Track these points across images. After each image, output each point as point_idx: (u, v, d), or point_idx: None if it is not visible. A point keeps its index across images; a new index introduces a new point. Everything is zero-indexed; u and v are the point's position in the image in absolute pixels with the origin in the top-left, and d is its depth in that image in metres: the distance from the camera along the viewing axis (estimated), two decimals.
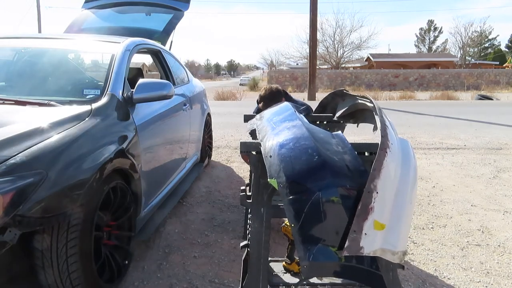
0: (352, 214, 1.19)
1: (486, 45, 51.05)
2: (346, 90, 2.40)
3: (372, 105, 1.82)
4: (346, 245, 1.16)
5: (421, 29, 59.34)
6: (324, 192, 1.21)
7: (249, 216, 1.66)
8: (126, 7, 4.43)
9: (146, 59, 27.80)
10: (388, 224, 1.21)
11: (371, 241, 1.17)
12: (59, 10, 64.81)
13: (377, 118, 1.56)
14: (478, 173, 4.45)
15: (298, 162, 1.29)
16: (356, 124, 2.43)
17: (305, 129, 1.44)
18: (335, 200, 1.21)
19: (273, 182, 1.28)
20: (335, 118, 2.48)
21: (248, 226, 1.81)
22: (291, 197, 1.23)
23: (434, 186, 3.99)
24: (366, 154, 1.53)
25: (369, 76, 26.77)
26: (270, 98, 2.95)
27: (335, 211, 1.20)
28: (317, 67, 17.97)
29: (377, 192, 1.19)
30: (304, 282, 1.70)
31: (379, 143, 1.32)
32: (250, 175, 2.21)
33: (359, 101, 2.13)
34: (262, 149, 1.44)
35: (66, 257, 1.69)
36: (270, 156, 1.35)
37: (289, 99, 3.01)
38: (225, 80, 74.97)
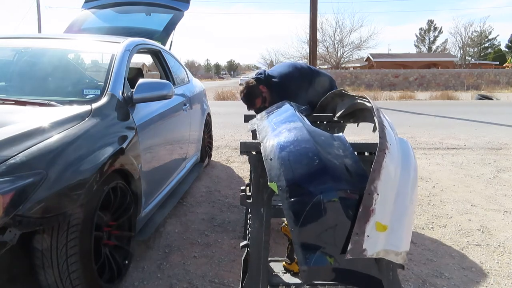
0: (354, 218, 1.18)
1: (486, 45, 51.10)
2: (345, 90, 2.39)
3: (370, 105, 1.82)
4: (349, 248, 1.16)
5: (421, 29, 59.44)
6: (325, 196, 1.20)
7: (249, 216, 1.66)
8: (126, 7, 4.43)
9: (146, 59, 27.83)
10: (390, 225, 1.21)
11: (374, 243, 1.17)
12: (59, 10, 64.87)
13: (375, 119, 1.56)
14: (478, 173, 4.45)
15: (299, 166, 1.28)
16: (356, 124, 2.43)
17: (305, 131, 1.43)
18: (335, 205, 1.21)
19: (273, 185, 1.28)
20: (335, 118, 2.47)
21: (248, 226, 1.81)
22: (291, 201, 1.22)
23: (434, 186, 3.99)
24: (366, 154, 1.53)
25: (369, 76, 26.75)
26: (249, 99, 2.92)
27: (335, 216, 1.20)
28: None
29: (378, 194, 1.19)
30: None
31: (378, 144, 1.32)
32: (250, 175, 2.21)
33: (358, 101, 2.13)
34: (262, 150, 1.44)
35: (66, 257, 1.69)
36: (271, 159, 1.35)
37: (270, 84, 2.89)
38: (225, 80, 74.96)
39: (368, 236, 1.16)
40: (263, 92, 2.88)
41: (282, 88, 2.83)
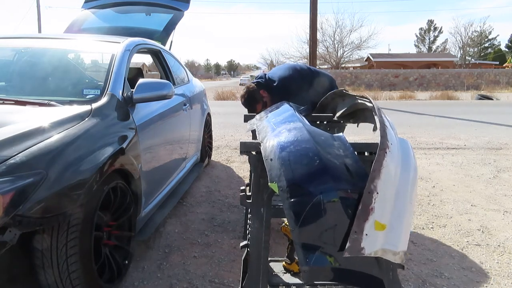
0: (353, 216, 1.18)
1: (486, 45, 51.17)
2: (345, 90, 2.39)
3: (371, 105, 1.82)
4: (347, 246, 1.16)
5: (421, 29, 59.54)
6: (325, 196, 1.20)
7: (249, 216, 1.66)
8: (126, 7, 4.43)
9: (146, 59, 27.83)
10: (389, 224, 1.21)
11: (372, 242, 1.17)
12: (59, 10, 64.91)
13: (376, 118, 1.56)
14: (478, 173, 4.45)
15: (299, 166, 1.28)
16: (356, 124, 2.43)
17: (306, 131, 1.43)
18: (336, 205, 1.21)
19: (273, 186, 1.28)
20: (335, 118, 2.47)
21: (248, 226, 1.81)
22: (291, 201, 1.22)
23: (434, 186, 3.99)
24: (366, 154, 1.53)
25: (369, 76, 26.76)
26: (250, 104, 2.90)
27: (336, 216, 1.20)
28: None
29: (378, 193, 1.19)
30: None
31: (379, 144, 1.32)
32: (250, 175, 2.21)
33: (359, 101, 2.13)
34: (262, 150, 1.44)
35: (66, 257, 1.69)
36: (271, 160, 1.35)
37: (270, 88, 2.89)
38: (225, 80, 75.02)
39: (366, 234, 1.16)
40: (264, 96, 2.88)
41: (282, 92, 2.82)
